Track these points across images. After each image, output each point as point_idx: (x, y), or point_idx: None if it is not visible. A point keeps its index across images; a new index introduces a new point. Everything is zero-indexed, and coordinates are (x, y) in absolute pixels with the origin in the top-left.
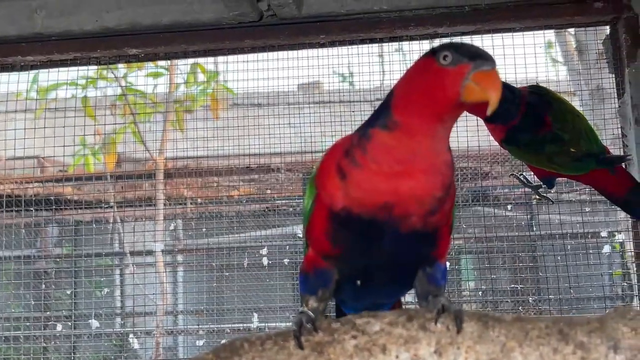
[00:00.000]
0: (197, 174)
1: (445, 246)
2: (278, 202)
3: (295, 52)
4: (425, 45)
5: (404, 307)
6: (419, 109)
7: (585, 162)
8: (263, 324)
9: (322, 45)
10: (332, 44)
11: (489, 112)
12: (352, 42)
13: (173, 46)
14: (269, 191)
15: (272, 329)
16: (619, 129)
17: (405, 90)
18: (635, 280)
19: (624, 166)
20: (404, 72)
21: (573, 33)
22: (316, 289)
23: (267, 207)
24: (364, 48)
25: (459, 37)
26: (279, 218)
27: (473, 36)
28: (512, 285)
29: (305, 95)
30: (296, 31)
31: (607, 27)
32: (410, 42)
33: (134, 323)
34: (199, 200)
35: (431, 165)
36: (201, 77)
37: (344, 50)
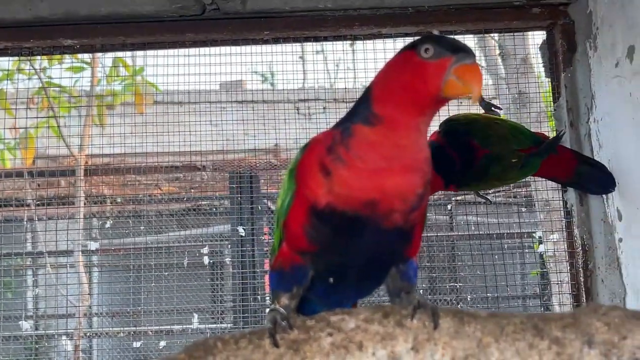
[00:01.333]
0: (118, 172)
1: (418, 243)
2: (201, 201)
3: (217, 48)
4: (369, 46)
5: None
6: (401, 103)
7: (531, 162)
8: (180, 326)
9: (266, 42)
10: (276, 40)
11: (472, 102)
12: (296, 40)
13: (110, 38)
14: (192, 190)
15: (183, 331)
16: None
17: (385, 84)
18: (569, 279)
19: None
20: (382, 67)
21: (497, 38)
22: (291, 286)
23: (189, 207)
24: (287, 47)
25: (402, 39)
26: (202, 217)
27: (416, 38)
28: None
29: (227, 94)
30: (240, 26)
31: (544, 32)
32: (331, 43)
33: (46, 325)
34: (119, 199)
35: (414, 161)
36: (124, 72)
37: (266, 48)
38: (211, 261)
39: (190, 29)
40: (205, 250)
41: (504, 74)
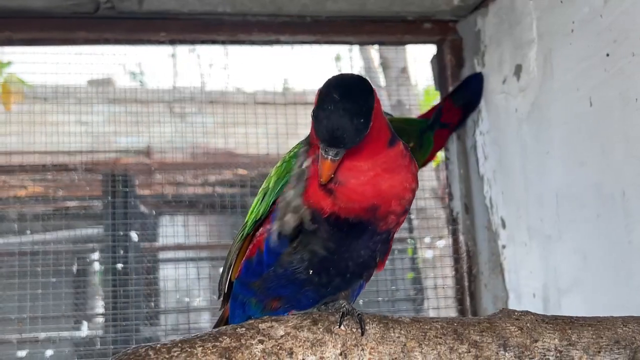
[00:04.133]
0: None
1: (387, 258)
2: (69, 203)
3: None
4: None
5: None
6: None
7: (425, 139)
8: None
9: (162, 43)
10: (173, 42)
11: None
12: (193, 42)
13: None
14: (61, 192)
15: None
16: None
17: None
18: (453, 284)
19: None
20: None
21: (377, 49)
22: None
23: (54, 208)
24: (157, 48)
25: (300, 45)
26: (70, 221)
27: (313, 45)
28: None
29: (96, 92)
30: (135, 26)
31: (435, 46)
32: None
33: None
34: None
35: (398, 165)
36: None
37: (135, 48)
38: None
39: (82, 27)
40: (96, 255)
41: (384, 83)
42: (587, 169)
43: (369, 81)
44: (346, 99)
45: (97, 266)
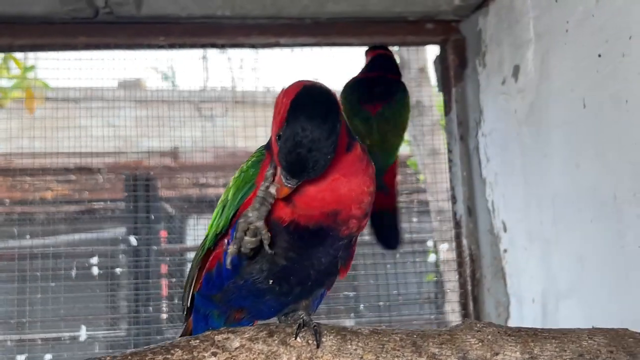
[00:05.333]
0: (7, 173)
1: (350, 264)
2: (95, 204)
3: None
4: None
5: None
6: None
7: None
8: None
9: (162, 47)
10: (172, 46)
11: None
12: (193, 46)
13: None
14: (87, 193)
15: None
16: (436, 141)
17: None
18: (457, 288)
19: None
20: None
21: (397, 50)
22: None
23: (81, 210)
24: (188, 51)
25: (300, 48)
26: (95, 222)
27: (314, 48)
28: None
29: (124, 95)
30: (134, 31)
31: (438, 47)
32: None
33: None
34: (7, 201)
35: (356, 169)
36: (14, 70)
37: (169, 52)
38: (101, 271)
39: (82, 32)
40: (95, 260)
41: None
42: (582, 172)
43: (334, 94)
44: (314, 129)
45: (118, 270)
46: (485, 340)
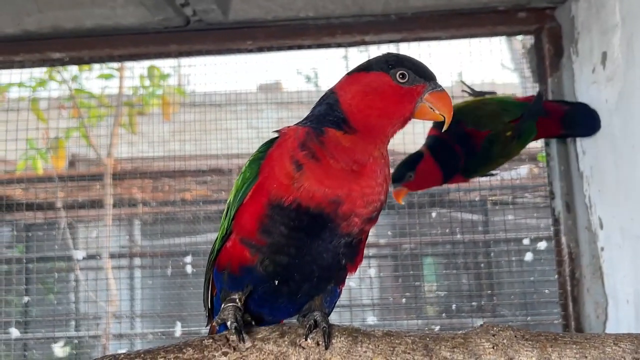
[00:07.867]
0: (148, 176)
1: (360, 260)
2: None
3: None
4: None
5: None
6: (373, 119)
7: (526, 128)
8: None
9: (250, 52)
10: (260, 50)
11: (444, 128)
12: (279, 49)
13: (97, 50)
14: (223, 193)
15: None
16: None
17: (359, 101)
18: (557, 288)
19: None
20: (347, 78)
21: (521, 39)
22: (242, 286)
23: (220, 210)
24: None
25: (387, 45)
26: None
27: (400, 44)
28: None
29: (265, 95)
30: (222, 37)
31: (532, 36)
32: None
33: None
34: (153, 202)
35: (381, 171)
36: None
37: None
38: None
39: (173, 40)
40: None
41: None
42: None
43: None
44: None
45: None
46: (499, 344)
